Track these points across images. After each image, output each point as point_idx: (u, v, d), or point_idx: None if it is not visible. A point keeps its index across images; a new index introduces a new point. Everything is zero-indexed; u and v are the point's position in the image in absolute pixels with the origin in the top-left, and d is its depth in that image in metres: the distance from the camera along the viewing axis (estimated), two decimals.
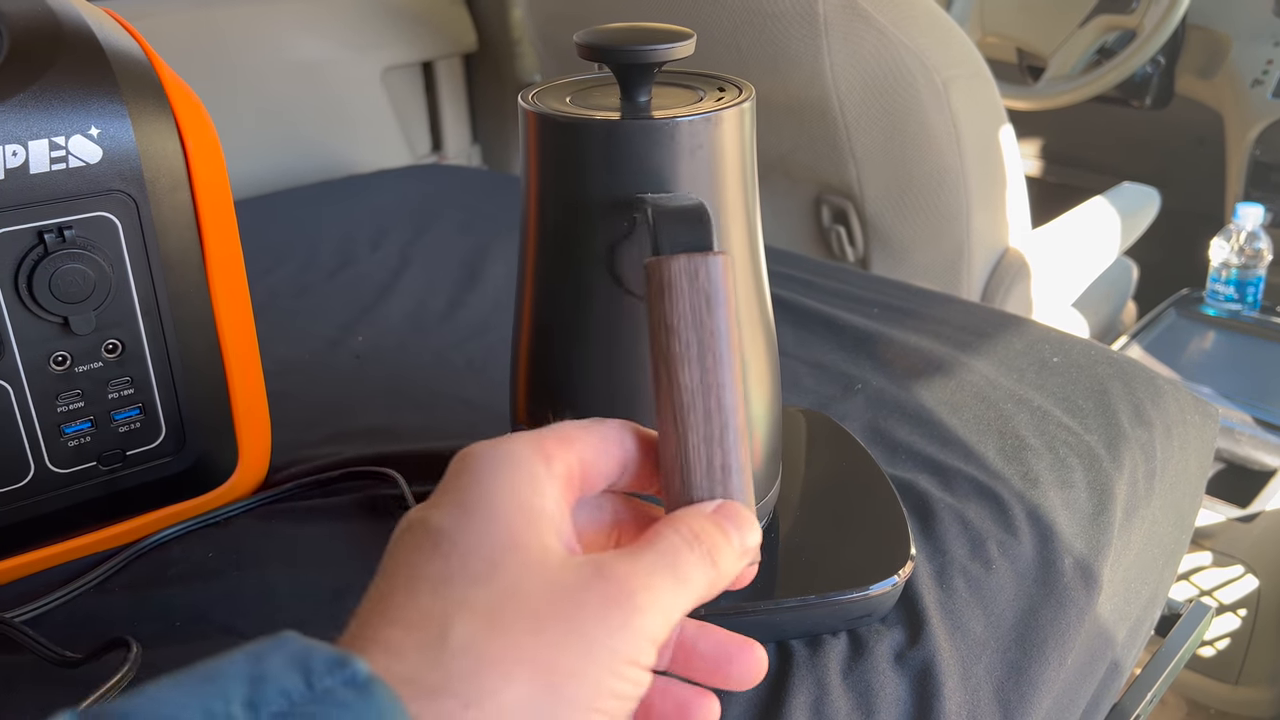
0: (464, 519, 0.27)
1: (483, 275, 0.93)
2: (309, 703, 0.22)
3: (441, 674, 0.24)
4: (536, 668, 0.24)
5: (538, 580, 0.26)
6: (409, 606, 0.26)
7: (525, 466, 0.28)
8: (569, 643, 0.25)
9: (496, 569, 0.26)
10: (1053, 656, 0.51)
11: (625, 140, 0.42)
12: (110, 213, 0.50)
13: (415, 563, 0.27)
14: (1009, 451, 0.64)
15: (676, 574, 0.27)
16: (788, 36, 1.02)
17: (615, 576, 0.26)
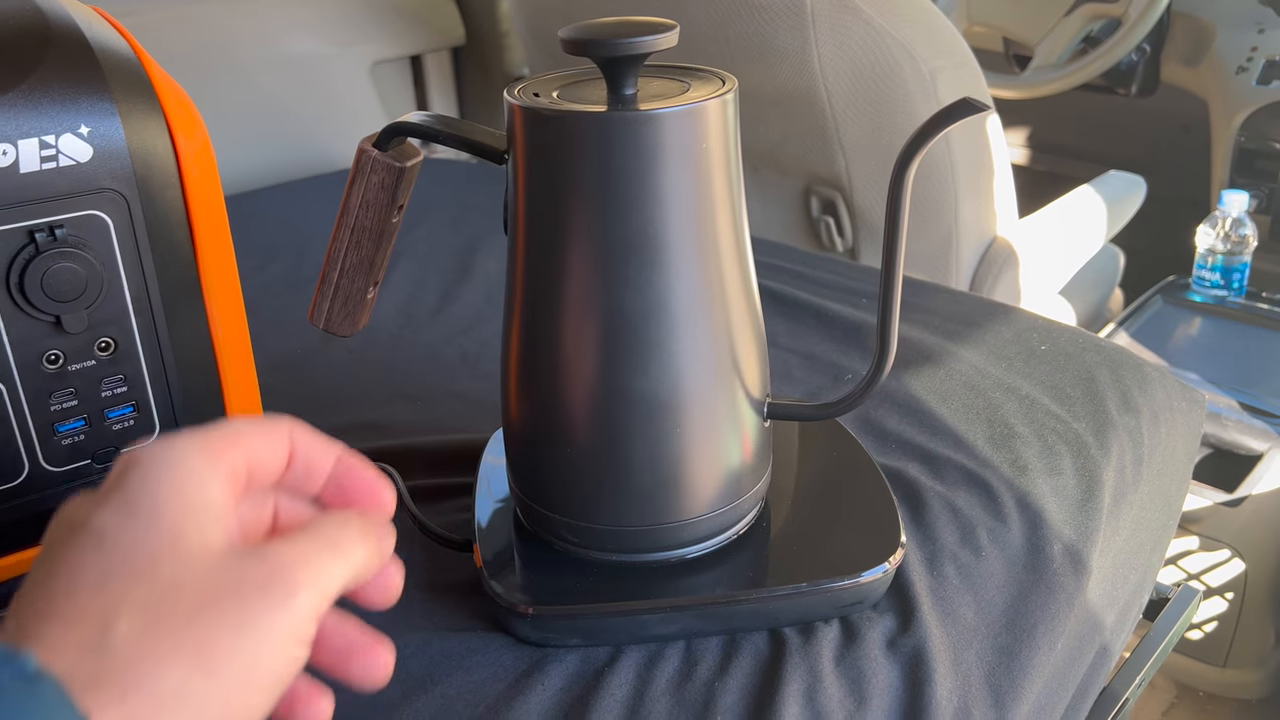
0: (128, 518, 0.27)
1: (474, 269, 0.93)
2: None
3: (100, 668, 0.25)
4: (194, 653, 0.25)
5: (198, 570, 0.27)
6: (69, 605, 0.26)
7: (190, 464, 0.29)
8: (227, 624, 0.26)
9: (157, 563, 0.27)
10: (1042, 642, 0.52)
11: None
12: (101, 211, 0.50)
13: (77, 562, 0.27)
14: (998, 440, 0.65)
15: (335, 549, 0.29)
16: (775, 28, 1.02)
17: (274, 558, 0.28)
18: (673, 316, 0.45)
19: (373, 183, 0.50)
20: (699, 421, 0.47)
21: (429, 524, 0.55)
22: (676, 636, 0.49)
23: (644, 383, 0.45)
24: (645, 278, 0.44)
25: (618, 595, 0.48)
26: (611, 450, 0.47)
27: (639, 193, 0.43)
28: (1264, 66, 1.68)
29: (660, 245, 0.44)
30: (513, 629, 0.49)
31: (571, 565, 0.50)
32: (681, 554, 0.50)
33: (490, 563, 0.50)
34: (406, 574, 0.54)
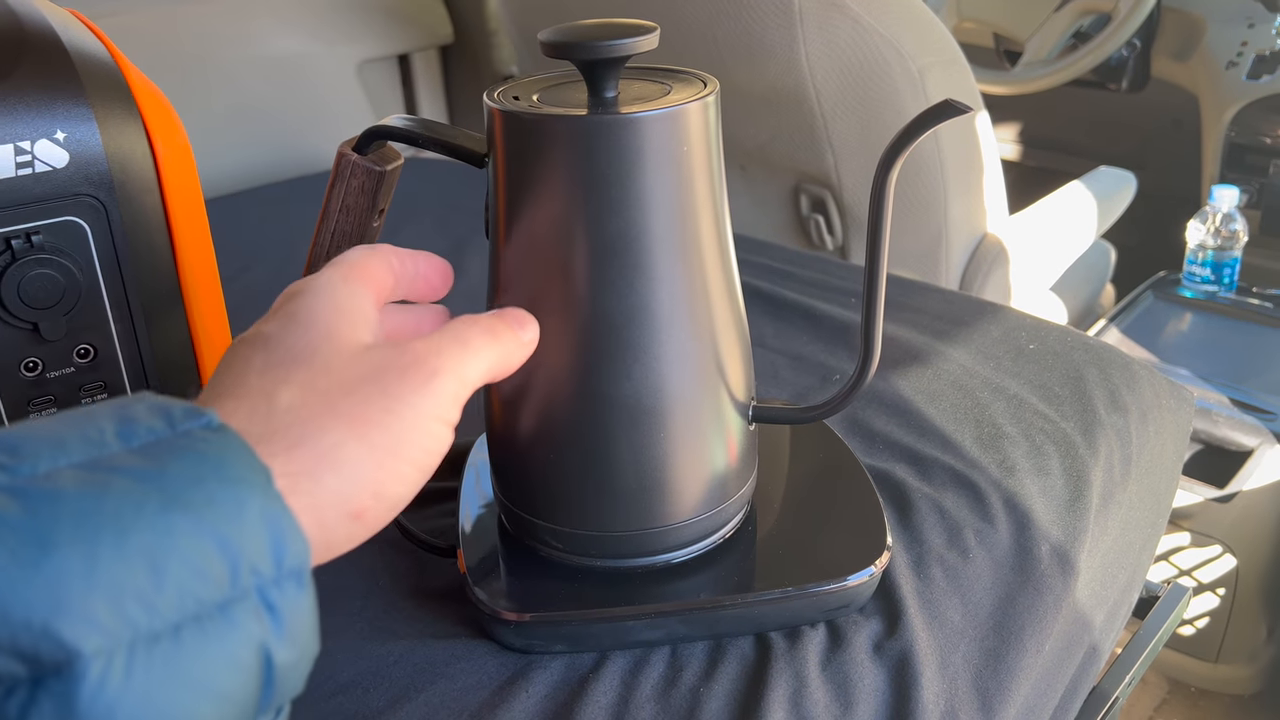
0: (289, 322, 0.32)
1: (460, 271, 0.92)
2: (172, 438, 0.25)
3: (267, 428, 0.29)
4: (349, 420, 0.29)
5: (349, 357, 0.31)
6: (238, 387, 0.30)
7: (339, 283, 0.35)
8: (374, 400, 0.30)
9: (315, 353, 0.31)
10: (1030, 644, 0.52)
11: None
12: (79, 217, 0.49)
13: (245, 357, 0.32)
14: (986, 440, 0.64)
15: (465, 346, 0.34)
16: (763, 27, 1.02)
17: (411, 350, 0.32)
18: (655, 320, 0.44)
19: (352, 187, 0.50)
20: (683, 426, 0.47)
21: (412, 529, 0.55)
22: (662, 642, 0.49)
23: (627, 387, 0.45)
24: (627, 282, 0.44)
25: (602, 601, 0.48)
26: (595, 455, 0.47)
27: (620, 196, 0.42)
28: (1254, 61, 1.68)
29: (642, 249, 0.43)
30: (497, 636, 0.49)
31: (556, 571, 0.49)
32: (667, 559, 0.49)
33: (474, 569, 0.50)
34: (390, 581, 0.54)
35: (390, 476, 0.30)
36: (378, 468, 0.29)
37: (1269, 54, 1.67)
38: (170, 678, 0.22)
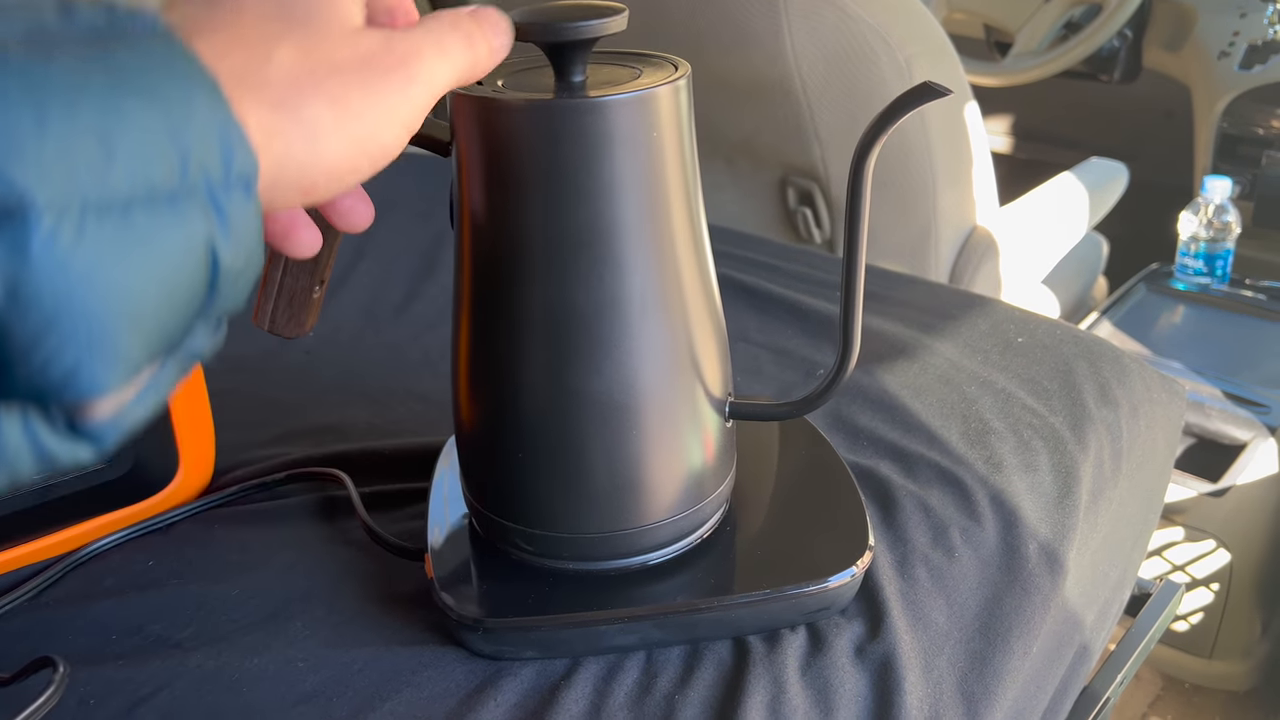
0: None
1: (440, 265, 0.91)
2: (117, 31, 0.24)
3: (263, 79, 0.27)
4: (331, 101, 0.29)
5: (342, 35, 0.30)
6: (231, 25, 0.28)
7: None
8: (356, 90, 0.29)
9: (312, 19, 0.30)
10: (1017, 646, 0.50)
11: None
12: None
13: None
14: (972, 436, 0.63)
15: (443, 53, 0.33)
16: (747, 15, 1.00)
17: (398, 50, 0.31)
18: (625, 314, 0.43)
19: None
20: (656, 423, 0.45)
21: (380, 532, 0.53)
22: (636, 647, 0.47)
23: (597, 383, 0.43)
24: (596, 274, 0.42)
25: (575, 606, 0.46)
26: (565, 455, 0.45)
27: (587, 185, 0.41)
28: (1246, 51, 1.67)
29: (610, 240, 0.42)
30: (465, 642, 0.47)
31: (527, 574, 0.48)
32: (642, 561, 0.48)
33: (442, 573, 0.48)
34: (356, 586, 0.52)
35: (348, 166, 0.30)
36: (341, 154, 0.29)
37: (1261, 44, 1.66)
38: (120, 252, 0.22)
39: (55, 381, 0.22)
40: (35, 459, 0.24)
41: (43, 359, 0.22)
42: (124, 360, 0.23)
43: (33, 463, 0.24)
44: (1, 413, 0.23)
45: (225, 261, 0.24)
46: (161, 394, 0.26)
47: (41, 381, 0.22)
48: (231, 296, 0.25)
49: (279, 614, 0.50)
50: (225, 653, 0.48)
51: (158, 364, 0.25)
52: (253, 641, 0.49)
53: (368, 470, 0.61)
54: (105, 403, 0.24)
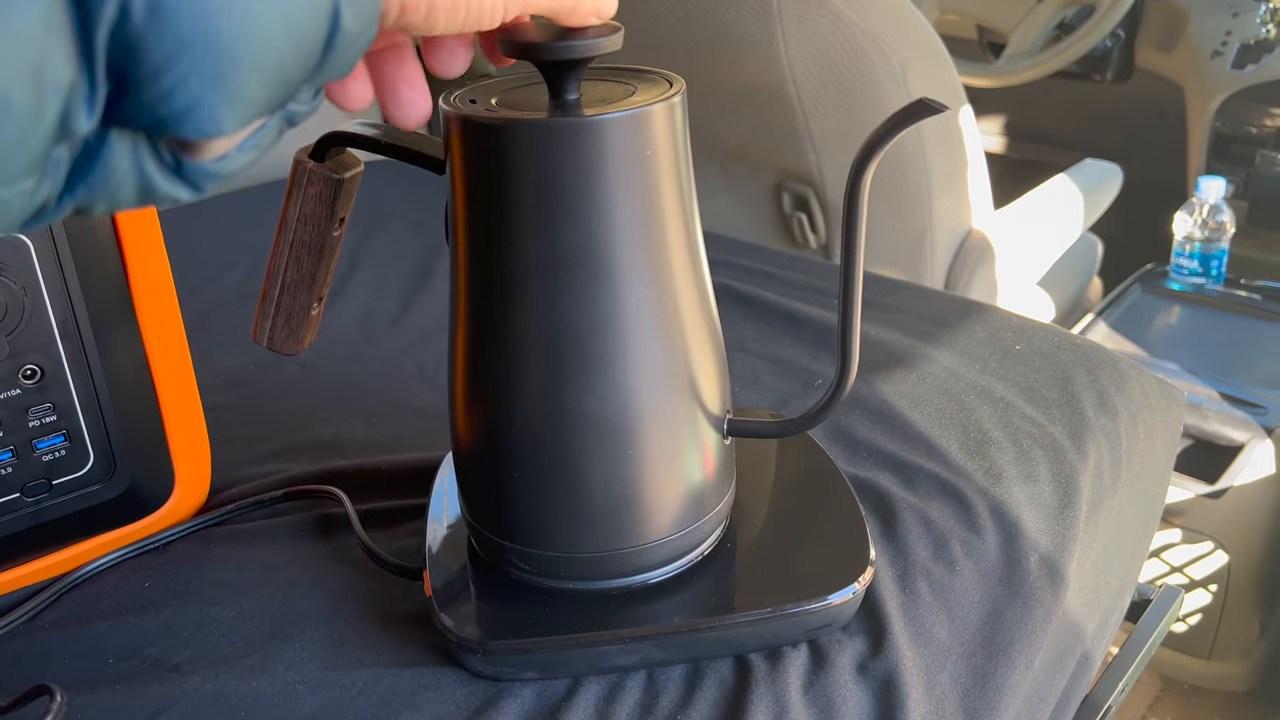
0: None
1: (435, 275, 0.90)
2: None
3: None
4: None
5: None
6: None
7: None
8: None
9: None
10: (1019, 660, 0.50)
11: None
12: (21, 234, 0.47)
13: None
14: (972, 446, 0.63)
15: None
16: (741, 22, 1.00)
17: None
18: (621, 333, 0.42)
19: (309, 195, 0.47)
20: (654, 442, 0.45)
21: (378, 551, 0.53)
22: (637, 667, 0.47)
23: (593, 403, 0.43)
24: (591, 293, 0.42)
25: (575, 626, 0.46)
26: (562, 474, 0.45)
27: (581, 204, 0.40)
28: (1239, 50, 1.67)
29: (605, 259, 0.41)
30: (465, 663, 0.47)
31: (526, 594, 0.47)
32: (642, 580, 0.47)
33: (440, 593, 0.48)
34: (356, 606, 0.52)
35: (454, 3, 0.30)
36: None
37: (1254, 43, 1.66)
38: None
39: (176, 111, 0.23)
40: (136, 190, 0.25)
41: (169, 85, 0.22)
42: (242, 101, 0.24)
43: (133, 193, 0.25)
44: (115, 138, 0.23)
45: (345, 22, 0.25)
46: (260, 151, 0.27)
47: (164, 109, 0.23)
48: (341, 62, 0.26)
49: (277, 635, 0.50)
50: (223, 675, 0.47)
51: (263, 120, 0.26)
52: (251, 664, 0.48)
53: (365, 487, 0.60)
54: (214, 143, 0.25)
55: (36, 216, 0.24)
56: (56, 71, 0.21)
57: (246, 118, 0.24)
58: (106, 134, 0.23)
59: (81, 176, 0.24)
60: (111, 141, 0.23)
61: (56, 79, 0.21)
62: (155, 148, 0.24)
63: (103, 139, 0.23)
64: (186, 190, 0.26)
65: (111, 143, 0.23)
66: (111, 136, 0.23)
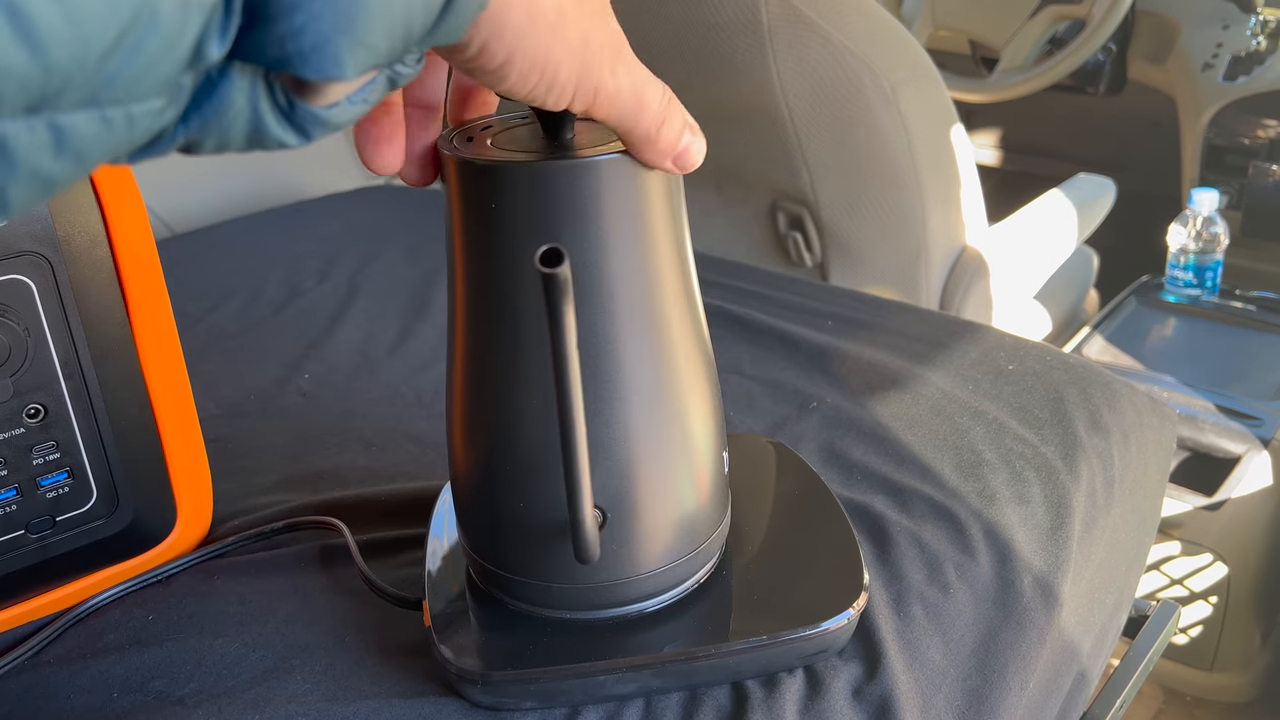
0: None
1: (433, 303, 0.91)
2: None
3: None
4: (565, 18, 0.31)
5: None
6: None
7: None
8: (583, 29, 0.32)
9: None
10: (1014, 682, 0.51)
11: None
12: (23, 275, 0.48)
13: None
14: (965, 468, 0.63)
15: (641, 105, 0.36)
16: (733, 46, 1.01)
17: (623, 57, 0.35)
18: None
19: None
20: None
21: (378, 582, 0.53)
22: (635, 695, 0.48)
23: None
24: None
25: (573, 656, 0.46)
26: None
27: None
28: (1230, 62, 1.68)
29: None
30: (465, 694, 0.47)
31: (524, 624, 0.48)
32: (639, 609, 0.48)
33: (439, 624, 0.48)
34: (356, 637, 0.52)
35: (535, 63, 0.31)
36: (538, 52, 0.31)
37: (1245, 55, 1.67)
38: None
39: (303, 49, 0.23)
40: (248, 129, 0.25)
41: (301, 22, 0.23)
42: (365, 46, 0.24)
43: (244, 133, 0.25)
44: (236, 73, 0.24)
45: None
46: (367, 105, 0.27)
47: (292, 46, 0.23)
48: (454, 26, 0.27)
49: (279, 668, 0.50)
50: (227, 709, 0.48)
51: (375, 73, 0.27)
52: (254, 696, 0.49)
53: (365, 517, 0.61)
54: (331, 88, 0.25)
55: (152, 144, 0.24)
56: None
57: (366, 65, 0.25)
58: (228, 68, 0.24)
59: (198, 108, 0.24)
60: (233, 76, 0.24)
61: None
62: (271, 88, 0.25)
63: (224, 73, 0.24)
64: (295, 136, 0.26)
65: (233, 77, 0.24)
66: (233, 71, 0.24)
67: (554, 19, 0.31)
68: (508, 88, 0.32)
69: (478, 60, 0.30)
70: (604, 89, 0.34)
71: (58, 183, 0.22)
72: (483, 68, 0.31)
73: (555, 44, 0.31)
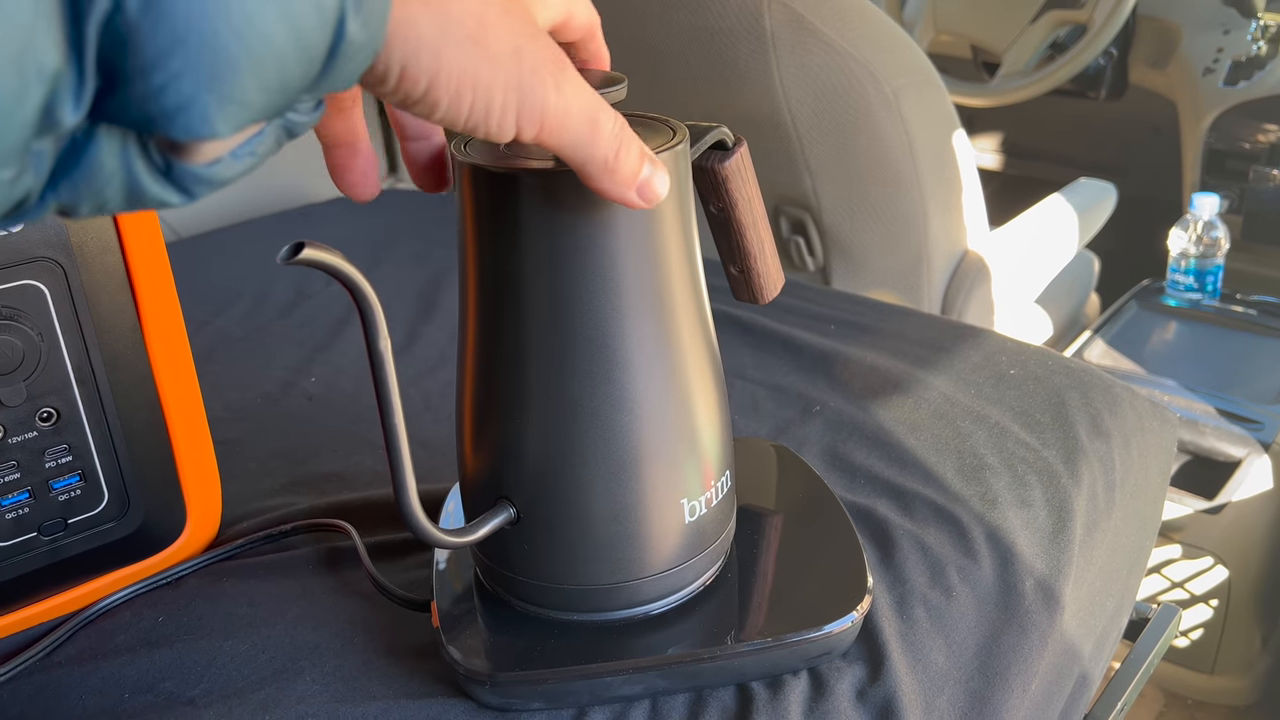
0: None
1: (439, 307, 0.92)
2: None
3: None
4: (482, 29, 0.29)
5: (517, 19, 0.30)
6: None
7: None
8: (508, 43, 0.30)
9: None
10: (1016, 684, 0.51)
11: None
12: (37, 280, 0.49)
13: None
14: (968, 472, 0.64)
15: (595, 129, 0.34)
16: (736, 52, 1.02)
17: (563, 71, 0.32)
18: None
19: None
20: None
21: (386, 584, 0.54)
22: (641, 696, 0.48)
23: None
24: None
25: (580, 657, 0.47)
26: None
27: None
28: (1230, 67, 1.69)
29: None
30: (473, 694, 0.48)
31: (532, 626, 0.49)
32: (645, 611, 0.49)
33: (447, 625, 0.49)
34: (365, 638, 0.53)
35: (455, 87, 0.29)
36: (458, 70, 0.29)
37: (1245, 60, 1.68)
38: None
39: (167, 109, 0.22)
40: (124, 191, 0.24)
41: (161, 82, 0.21)
42: (236, 103, 0.23)
43: (120, 195, 0.24)
44: (103, 135, 0.23)
45: (351, 32, 0.24)
46: (256, 159, 0.26)
47: (154, 107, 0.22)
48: (345, 74, 0.25)
49: (289, 669, 0.51)
50: (237, 709, 0.48)
51: (260, 126, 0.25)
52: (264, 697, 0.49)
53: (373, 519, 0.61)
54: (206, 146, 0.24)
55: (16, 210, 0.23)
56: (42, 57, 0.20)
57: (241, 121, 0.23)
58: (94, 130, 0.23)
59: (66, 173, 0.23)
60: (99, 138, 0.23)
61: (41, 65, 0.20)
62: (145, 148, 0.24)
63: (90, 135, 0.23)
64: (176, 194, 0.25)
65: (100, 140, 0.23)
66: (100, 133, 0.23)
67: (473, 30, 0.29)
68: (441, 117, 0.30)
69: (400, 88, 0.28)
70: (551, 110, 0.31)
71: None
72: (408, 95, 0.29)
73: (481, 59, 0.29)
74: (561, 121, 0.32)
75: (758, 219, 0.52)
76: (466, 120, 0.30)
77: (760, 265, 0.53)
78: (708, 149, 0.48)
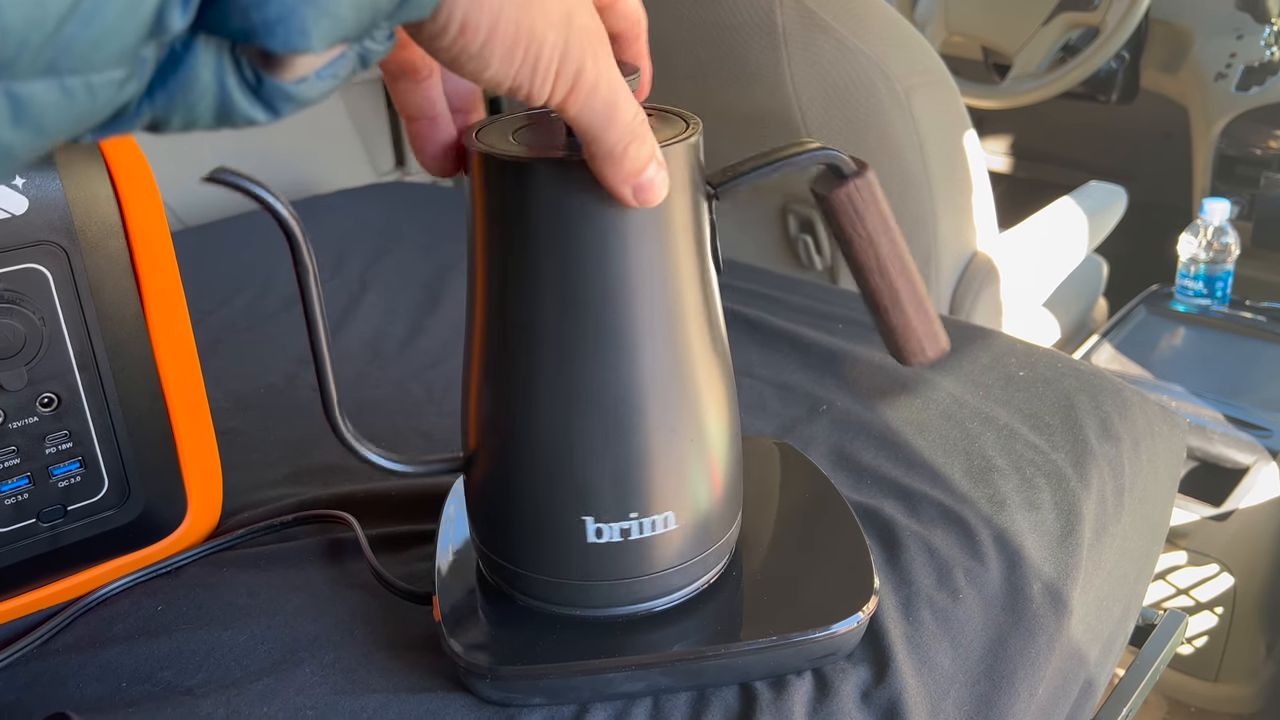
0: None
1: (443, 299, 0.91)
2: None
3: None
4: None
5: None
6: None
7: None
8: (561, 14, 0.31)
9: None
10: (1022, 688, 0.50)
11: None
12: (40, 264, 0.48)
13: None
14: (976, 473, 0.63)
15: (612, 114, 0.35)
16: (747, 48, 1.01)
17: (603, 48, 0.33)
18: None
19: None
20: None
21: (387, 576, 0.53)
22: (644, 694, 0.48)
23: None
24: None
25: (583, 653, 0.46)
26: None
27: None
28: (1243, 73, 1.68)
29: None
30: (473, 689, 0.47)
31: (534, 620, 0.48)
32: (649, 608, 0.48)
33: (449, 619, 0.48)
34: (365, 630, 0.52)
35: (510, 43, 0.30)
36: (515, 28, 0.30)
37: (1258, 65, 1.67)
38: None
39: (268, 19, 0.23)
40: (215, 105, 0.25)
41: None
42: (331, 17, 0.24)
43: (211, 109, 0.25)
44: (201, 47, 0.24)
45: None
46: (337, 81, 0.27)
47: (256, 17, 0.23)
48: (418, 3, 0.26)
49: (288, 660, 0.51)
50: (235, 700, 0.48)
51: (343, 49, 0.26)
52: (262, 688, 0.49)
53: (375, 511, 0.61)
54: (299, 61, 0.25)
55: (116, 119, 0.24)
56: None
57: (333, 37, 0.24)
58: (193, 42, 0.23)
59: (163, 83, 0.24)
60: (198, 50, 0.24)
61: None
62: (238, 63, 0.25)
63: (189, 46, 0.23)
64: (264, 112, 0.26)
65: (198, 51, 0.24)
66: (198, 44, 0.24)
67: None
68: (491, 75, 0.31)
69: (459, 41, 0.29)
70: (584, 76, 0.32)
71: (17, 153, 0.21)
72: (465, 49, 0.29)
73: (537, 17, 0.30)
74: (590, 92, 0.33)
75: (885, 263, 0.45)
76: (514, 79, 0.31)
77: (895, 321, 0.46)
78: (823, 172, 0.46)
